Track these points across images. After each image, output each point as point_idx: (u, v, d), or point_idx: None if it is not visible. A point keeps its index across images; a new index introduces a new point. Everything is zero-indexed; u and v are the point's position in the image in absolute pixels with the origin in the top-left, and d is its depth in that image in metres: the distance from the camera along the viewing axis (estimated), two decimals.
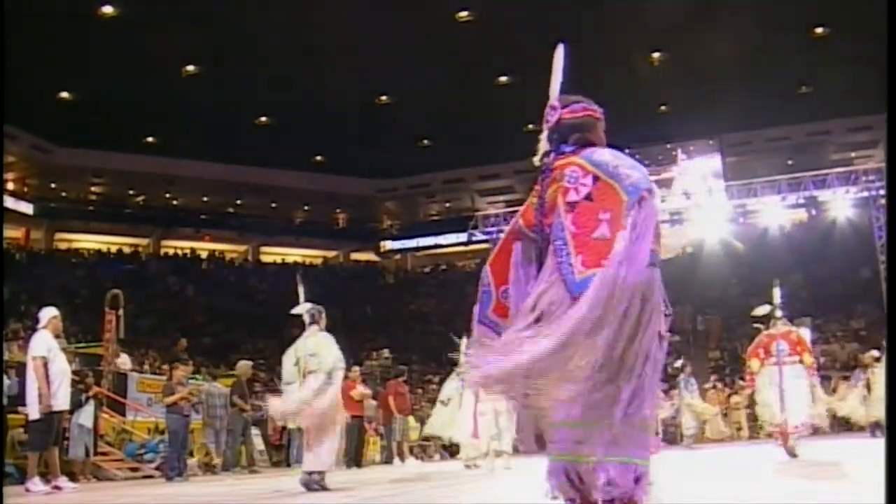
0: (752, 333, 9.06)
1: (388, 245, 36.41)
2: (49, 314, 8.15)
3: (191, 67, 23.57)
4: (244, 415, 11.95)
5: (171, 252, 33.68)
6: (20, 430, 9.58)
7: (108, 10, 20.27)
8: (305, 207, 35.81)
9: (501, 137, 25.16)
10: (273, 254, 35.47)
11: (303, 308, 7.18)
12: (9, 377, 9.88)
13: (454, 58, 22.68)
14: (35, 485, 7.75)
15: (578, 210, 2.59)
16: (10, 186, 29.87)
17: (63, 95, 24.75)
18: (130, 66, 21.94)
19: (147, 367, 17.42)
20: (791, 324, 8.84)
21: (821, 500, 4.26)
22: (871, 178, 22.42)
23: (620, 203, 2.50)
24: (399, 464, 13.83)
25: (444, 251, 35.09)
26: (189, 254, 33.59)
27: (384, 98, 26.04)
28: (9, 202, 28.11)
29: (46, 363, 7.80)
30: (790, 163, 27.80)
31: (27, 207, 30.02)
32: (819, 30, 22.23)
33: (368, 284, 33.71)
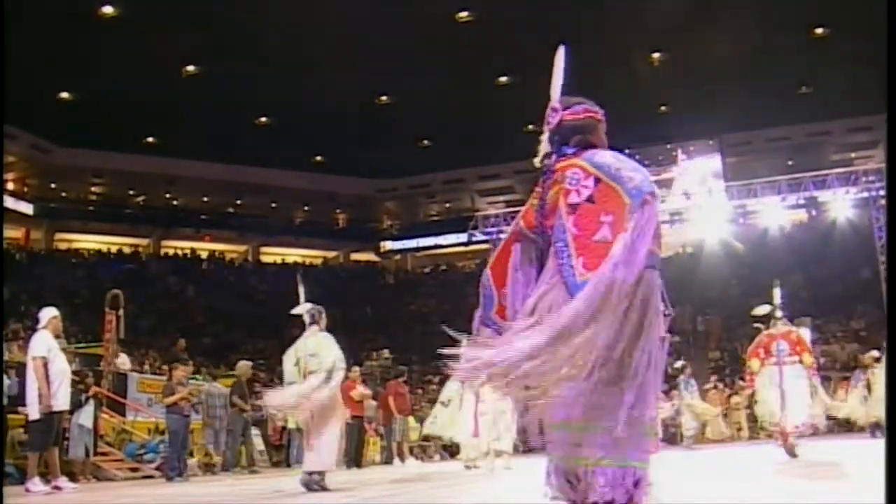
0: (752, 334, 9.06)
1: (388, 245, 36.41)
2: (49, 314, 8.15)
3: (191, 67, 23.59)
4: (244, 415, 11.95)
5: (171, 252, 33.69)
6: (20, 431, 9.58)
7: (108, 10, 20.29)
8: (305, 207, 35.80)
9: (501, 137, 25.17)
10: (273, 254, 35.47)
11: (303, 308, 7.17)
12: (9, 377, 9.87)
13: (454, 58, 22.68)
14: (35, 485, 7.75)
15: (580, 212, 2.59)
16: (10, 186, 29.87)
17: (63, 95, 24.75)
18: (130, 66, 21.95)
19: (147, 368, 17.39)
20: (791, 324, 8.85)
21: (821, 500, 4.26)
22: (871, 179, 22.42)
23: (623, 206, 2.50)
24: (399, 464, 13.84)
25: (445, 251, 35.09)
26: (189, 254, 33.60)
27: (384, 98, 26.05)
28: (9, 202, 28.11)
29: (46, 363, 7.80)
30: (790, 163, 27.80)
31: (27, 207, 30.02)
32: (819, 30, 22.24)
33: (368, 285, 33.70)
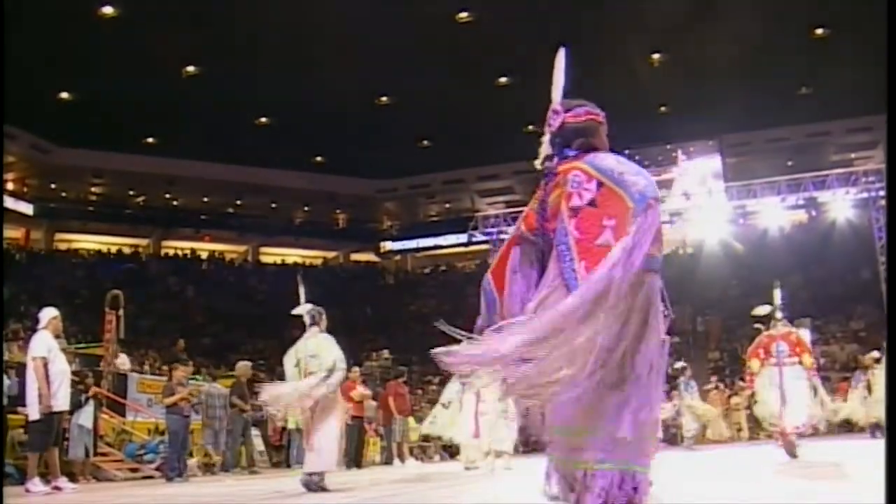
0: (752, 334, 9.06)
1: (388, 246, 36.41)
2: (49, 315, 8.15)
3: (191, 67, 23.57)
4: (244, 415, 11.95)
5: (171, 252, 33.69)
6: (20, 431, 9.57)
7: (108, 11, 20.27)
8: (305, 208, 35.80)
9: (501, 138, 25.17)
10: (273, 254, 35.46)
11: (303, 309, 7.17)
12: (9, 377, 9.86)
13: (454, 58, 22.67)
14: (35, 485, 7.75)
15: (582, 216, 2.57)
16: (10, 186, 29.86)
17: (63, 95, 24.74)
18: (130, 66, 21.94)
19: (147, 368, 17.38)
20: (791, 325, 8.85)
21: (821, 500, 4.26)
22: (871, 179, 22.41)
23: (626, 210, 2.48)
24: (399, 464, 13.84)
25: (444, 252, 35.09)
26: (189, 254, 33.59)
27: (384, 98, 26.04)
28: (9, 202, 28.10)
29: (46, 364, 7.80)
30: (790, 164, 27.79)
31: (27, 207, 30.02)
32: (819, 30, 22.24)
33: (368, 285, 33.70)
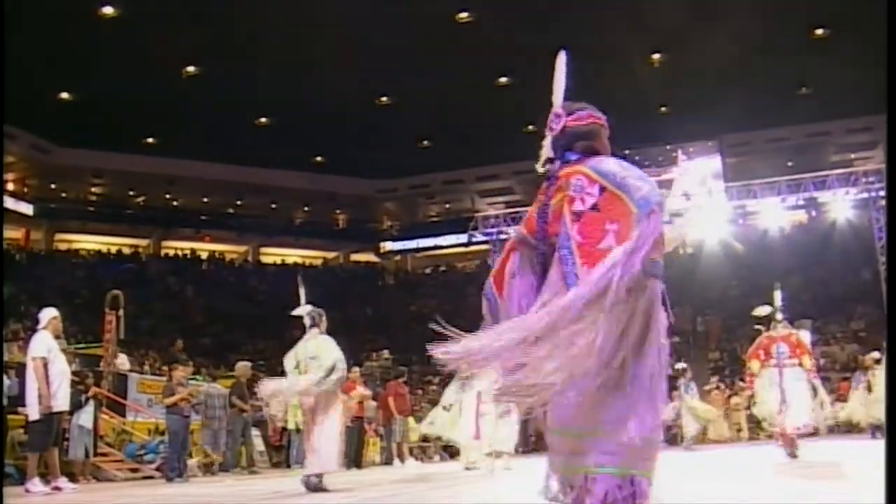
0: (752, 334, 9.08)
1: (388, 246, 36.40)
2: (49, 315, 8.15)
3: (191, 67, 23.57)
4: (244, 416, 11.95)
5: (171, 252, 33.68)
6: (20, 431, 9.57)
7: (108, 11, 20.27)
8: (305, 208, 35.79)
9: (501, 138, 25.17)
10: (273, 254, 35.46)
11: (303, 311, 7.17)
12: (9, 378, 9.86)
13: (454, 58, 22.65)
14: (35, 485, 7.75)
15: (584, 220, 2.56)
16: (10, 186, 29.86)
17: (63, 95, 24.74)
18: (130, 66, 21.94)
19: (147, 368, 17.36)
20: (791, 326, 8.86)
21: (821, 500, 4.26)
22: (871, 180, 22.36)
23: (629, 215, 2.47)
24: (399, 465, 13.85)
25: (444, 252, 35.08)
26: (189, 254, 33.58)
27: (384, 98, 26.03)
28: (9, 202, 28.10)
29: (46, 364, 7.80)
30: (790, 164, 27.78)
31: (27, 208, 30.01)
32: (819, 30, 22.24)
33: (368, 285, 33.69)
